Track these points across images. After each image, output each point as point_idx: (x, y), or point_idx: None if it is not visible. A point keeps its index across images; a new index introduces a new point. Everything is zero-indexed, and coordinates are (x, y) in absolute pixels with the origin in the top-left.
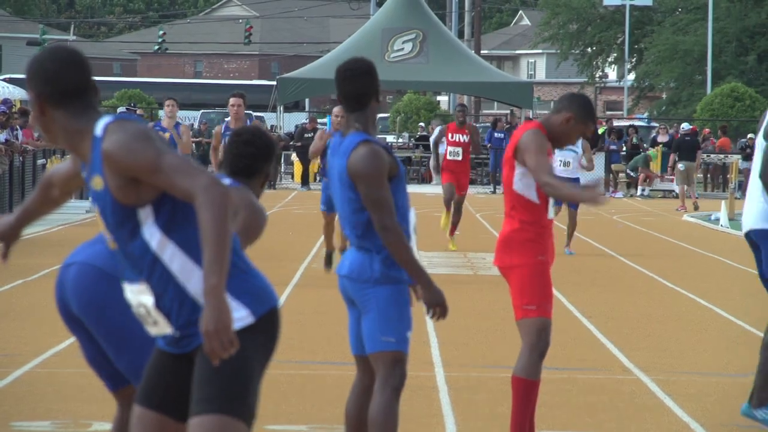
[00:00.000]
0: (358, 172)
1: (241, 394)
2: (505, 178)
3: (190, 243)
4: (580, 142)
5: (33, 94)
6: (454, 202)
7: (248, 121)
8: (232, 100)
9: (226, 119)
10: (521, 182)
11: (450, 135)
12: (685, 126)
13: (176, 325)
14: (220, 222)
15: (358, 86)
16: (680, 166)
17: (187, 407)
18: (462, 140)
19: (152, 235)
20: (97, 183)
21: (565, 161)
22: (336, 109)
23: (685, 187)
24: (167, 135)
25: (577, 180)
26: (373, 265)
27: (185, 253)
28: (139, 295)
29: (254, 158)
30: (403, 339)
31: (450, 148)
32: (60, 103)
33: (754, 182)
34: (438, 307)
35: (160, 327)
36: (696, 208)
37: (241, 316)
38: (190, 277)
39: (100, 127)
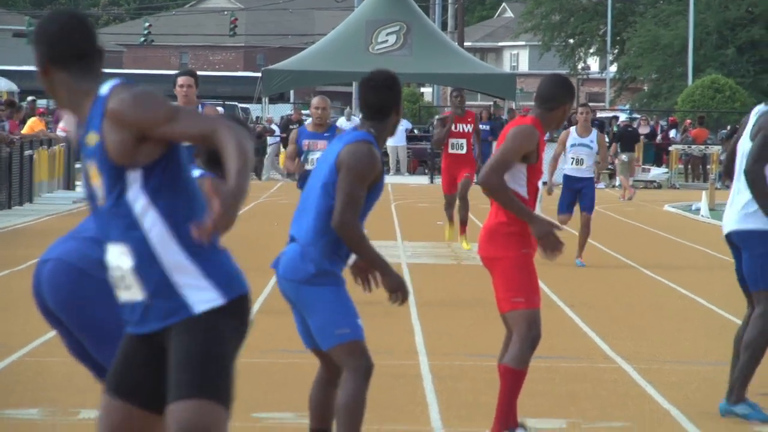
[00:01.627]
0: (348, 162)
1: (219, 377)
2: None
3: (173, 214)
4: (595, 136)
5: (38, 55)
6: (460, 188)
7: (200, 108)
8: (180, 80)
9: None
10: (510, 176)
11: (453, 126)
12: (623, 117)
13: (147, 292)
14: (242, 157)
15: (380, 98)
16: (623, 156)
17: (156, 396)
18: (466, 130)
19: (137, 198)
20: (92, 139)
21: (578, 158)
22: (315, 101)
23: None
24: None
25: (590, 180)
26: (307, 264)
27: (166, 223)
28: (119, 257)
29: None
30: (356, 327)
31: (452, 140)
32: (63, 65)
33: (738, 183)
34: (399, 291)
35: (132, 292)
36: (629, 199)
37: (212, 297)
38: (166, 247)
39: (107, 87)
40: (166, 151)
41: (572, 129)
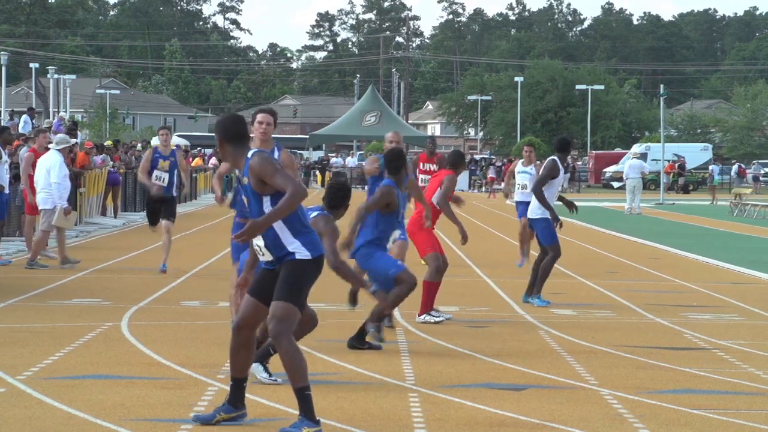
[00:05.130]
0: (378, 194)
1: (297, 292)
2: (429, 192)
3: (287, 217)
4: (533, 166)
5: (218, 136)
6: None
7: (276, 149)
8: (260, 117)
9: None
10: (439, 197)
11: (421, 164)
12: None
13: (273, 256)
14: (287, 205)
15: (397, 163)
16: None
17: (269, 298)
18: (432, 169)
19: (268, 209)
20: (245, 180)
21: (522, 184)
22: (389, 135)
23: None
24: (167, 162)
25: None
26: (360, 240)
27: (283, 222)
28: (259, 240)
29: (343, 198)
30: (399, 266)
31: (421, 176)
32: (230, 142)
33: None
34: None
35: (266, 257)
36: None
37: (305, 254)
38: (283, 232)
39: (251, 153)
40: None
41: (519, 162)
